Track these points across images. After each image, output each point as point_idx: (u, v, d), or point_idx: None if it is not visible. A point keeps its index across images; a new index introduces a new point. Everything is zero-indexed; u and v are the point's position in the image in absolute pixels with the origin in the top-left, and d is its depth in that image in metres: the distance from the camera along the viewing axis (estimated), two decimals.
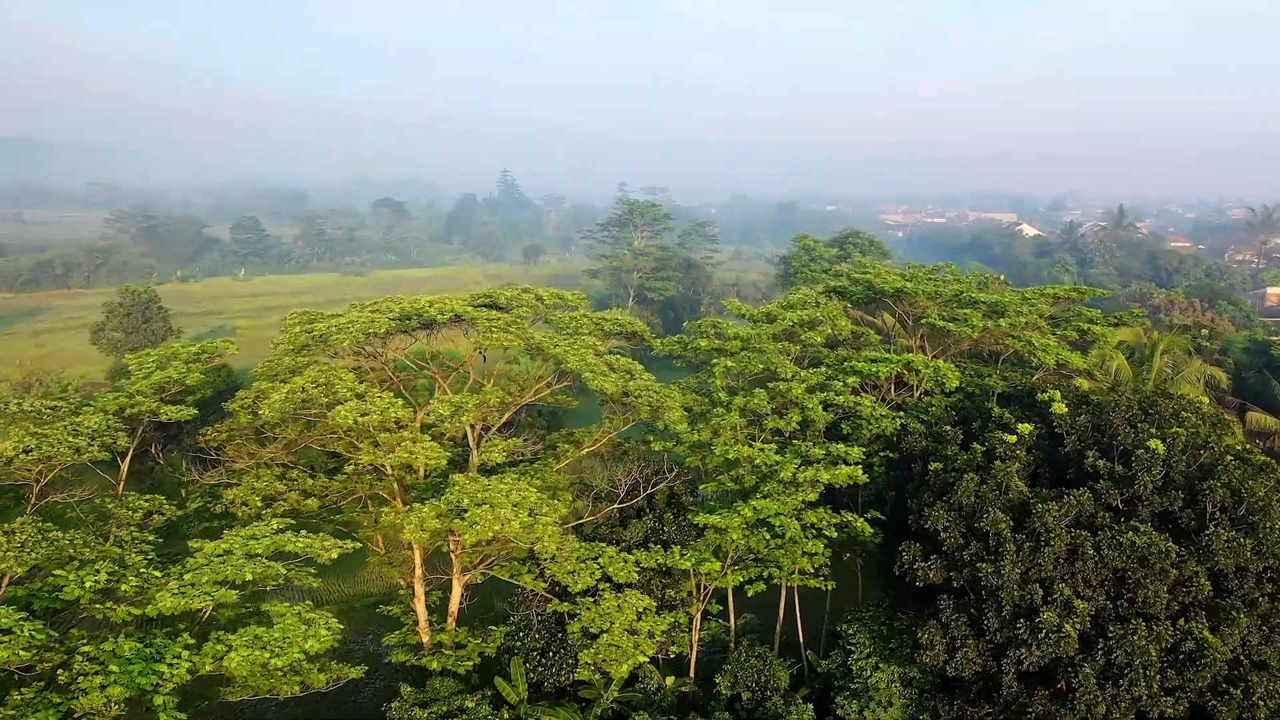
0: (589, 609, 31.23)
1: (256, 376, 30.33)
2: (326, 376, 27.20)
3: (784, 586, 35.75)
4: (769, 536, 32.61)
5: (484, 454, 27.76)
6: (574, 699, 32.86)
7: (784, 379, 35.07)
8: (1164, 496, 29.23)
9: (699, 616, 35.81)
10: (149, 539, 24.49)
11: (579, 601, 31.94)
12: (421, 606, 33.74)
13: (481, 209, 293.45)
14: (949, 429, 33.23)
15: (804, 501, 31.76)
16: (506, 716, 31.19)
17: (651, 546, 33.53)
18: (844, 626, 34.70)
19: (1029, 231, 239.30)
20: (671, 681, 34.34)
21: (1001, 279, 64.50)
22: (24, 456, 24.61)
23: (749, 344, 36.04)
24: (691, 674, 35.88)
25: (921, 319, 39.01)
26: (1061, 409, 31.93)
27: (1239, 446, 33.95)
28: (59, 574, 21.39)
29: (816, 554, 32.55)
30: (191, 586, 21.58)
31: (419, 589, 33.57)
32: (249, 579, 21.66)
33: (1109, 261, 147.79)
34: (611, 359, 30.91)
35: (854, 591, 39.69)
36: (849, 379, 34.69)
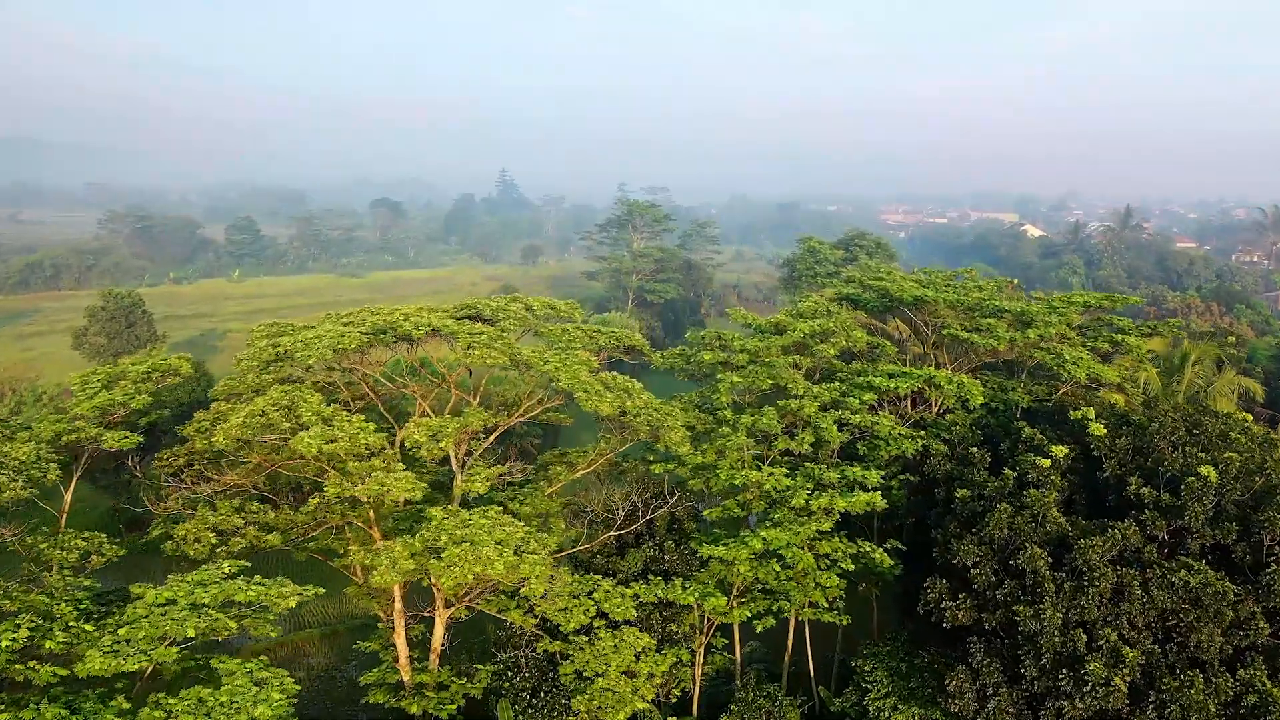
0: (583, 650, 28.52)
1: (217, 395, 27.62)
2: (290, 398, 24.48)
3: (795, 623, 33.10)
4: (779, 568, 29.92)
5: (466, 483, 25.08)
6: None
7: (795, 396, 32.35)
8: (1216, 529, 26.53)
9: (702, 650, 33.11)
10: (85, 584, 21.80)
11: (572, 640, 29.22)
12: (402, 642, 31.00)
13: (480, 209, 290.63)
14: (975, 451, 30.48)
15: (817, 531, 29.05)
16: None
17: (651, 578, 30.81)
18: (859, 662, 31.97)
19: (1033, 232, 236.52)
20: None
21: (1015, 283, 61.54)
22: None
23: (757, 358, 33.33)
24: (694, 711, 33.20)
25: (942, 330, 36.30)
26: (1099, 430, 29.18)
27: None
28: None
29: (831, 587, 29.85)
30: (126, 644, 18.88)
31: (399, 624, 30.84)
32: (191, 635, 18.93)
33: (1117, 263, 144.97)
34: (607, 376, 28.17)
35: (868, 621, 37.00)
36: (865, 395, 31.97)
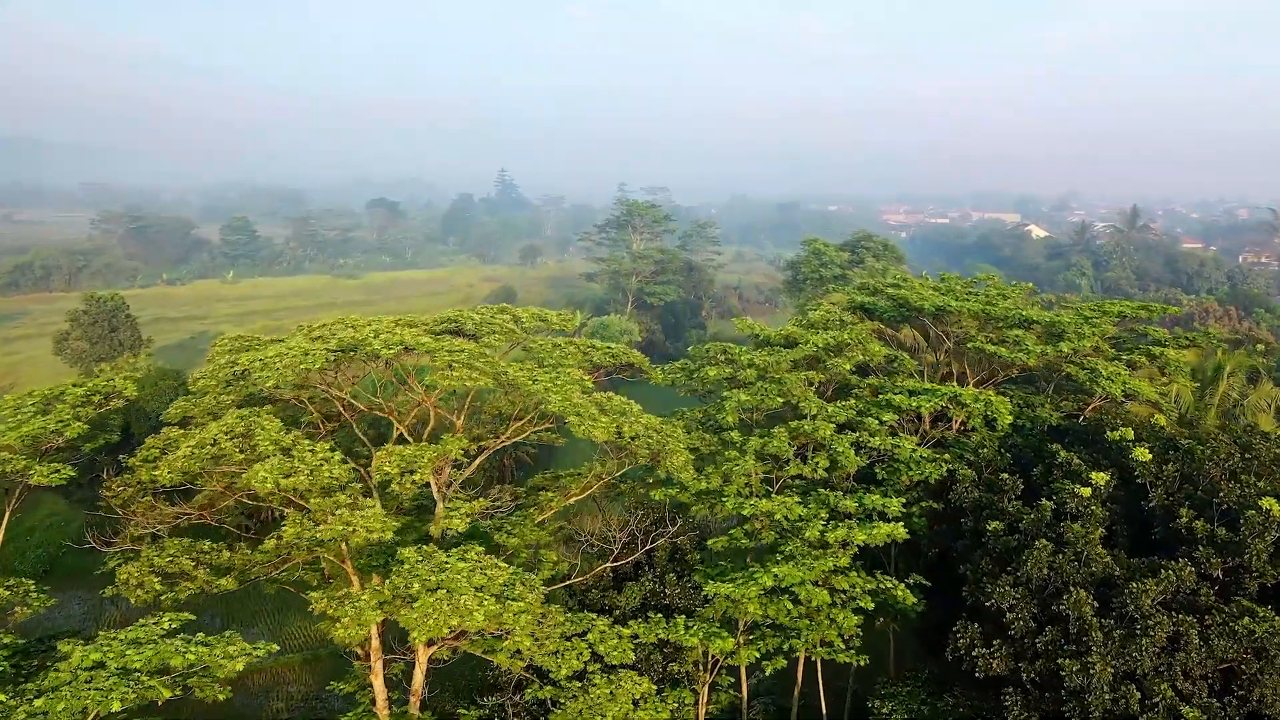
0: (576, 698, 25.84)
1: (170, 418, 24.96)
2: (246, 424, 21.85)
3: (805, 657, 30.46)
4: (791, 605, 27.28)
5: (445, 520, 22.48)
6: None
7: (808, 416, 29.71)
8: (1278, 567, 23.89)
9: (706, 690, 30.46)
10: (5, 640, 19.18)
11: (564, 686, 26.54)
12: (379, 684, 28.32)
13: (479, 209, 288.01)
14: (1006, 477, 27.82)
15: (834, 566, 26.40)
16: None
17: (651, 616, 28.15)
18: (876, 702, 29.36)
19: (1037, 233, 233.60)
20: None
21: (1030, 287, 58.35)
22: None
23: (766, 373, 30.68)
24: None
25: (967, 342, 33.65)
26: (1144, 455, 26.52)
27: None
28: None
29: (847, 626, 27.20)
30: (44, 716, 16.24)
31: (376, 664, 28.19)
32: (116, 709, 16.28)
33: (1126, 265, 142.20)
34: (602, 397, 25.50)
35: (884, 656, 34.39)
36: (885, 415, 29.31)
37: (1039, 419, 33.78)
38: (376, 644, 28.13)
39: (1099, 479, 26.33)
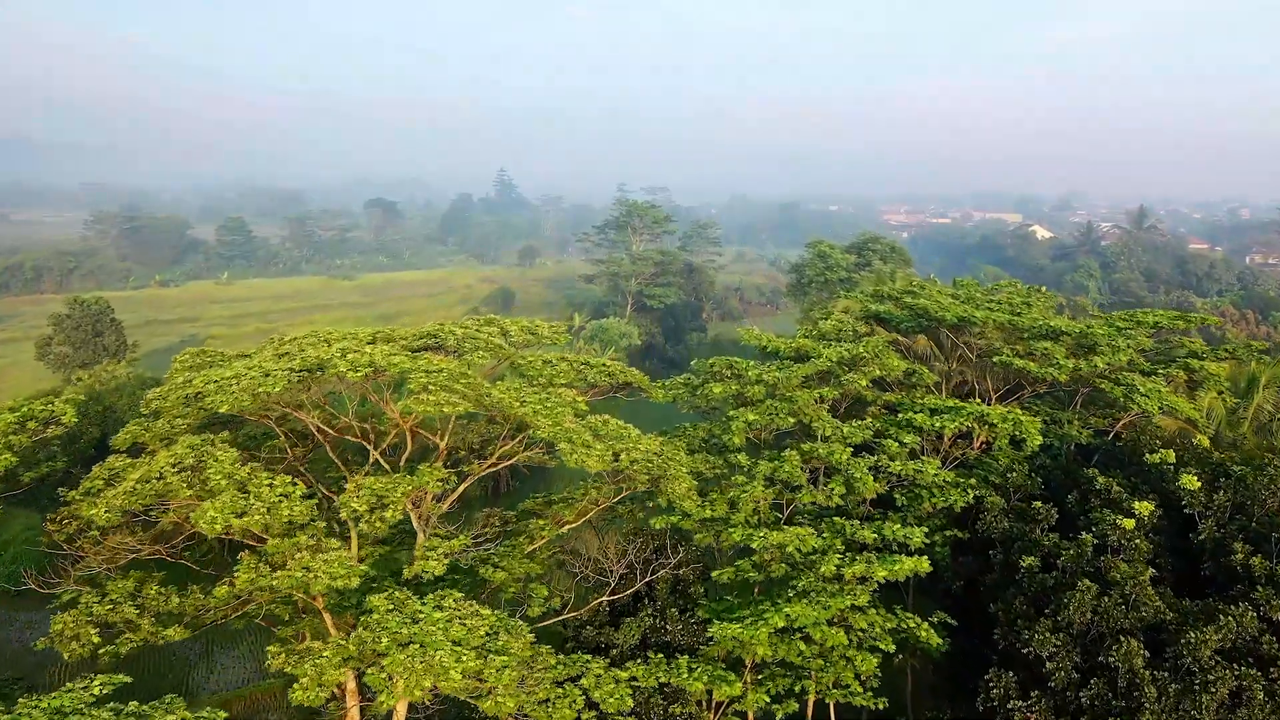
0: None
1: (120, 445, 22.59)
2: (197, 455, 19.50)
3: (816, 699, 28.09)
4: (803, 645, 24.94)
5: (419, 563, 20.12)
6: None
7: (820, 435, 27.37)
8: None
9: None
10: None
11: None
12: None
13: (478, 209, 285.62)
14: (1039, 506, 25.45)
15: (851, 605, 24.05)
16: None
17: (651, 656, 25.77)
18: None
19: (1041, 233, 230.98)
20: None
21: (1043, 290, 56.03)
22: None
23: (775, 390, 28.30)
24: None
25: (991, 355, 31.28)
26: (1193, 483, 24.16)
27: None
28: None
29: (866, 669, 24.85)
30: None
31: (352, 709, 25.86)
32: None
33: (1134, 266, 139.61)
34: (597, 421, 23.13)
35: (901, 692, 32.03)
36: (906, 437, 26.94)
37: (1066, 436, 31.43)
38: (353, 686, 25.82)
39: (1143, 509, 23.98)
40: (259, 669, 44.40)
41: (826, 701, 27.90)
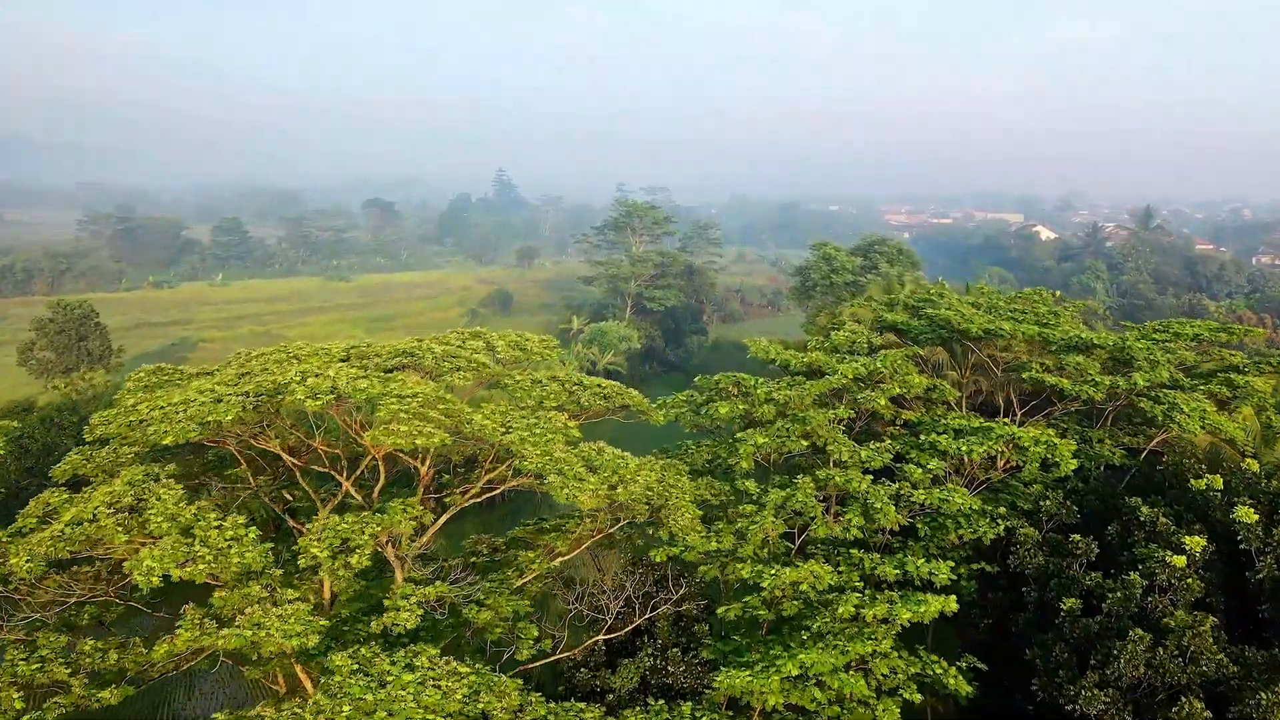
0: None
1: (58, 477, 20.32)
2: (137, 493, 17.25)
3: None
4: (818, 692, 22.68)
5: (389, 615, 17.85)
6: None
7: (835, 458, 25.10)
8: None
9: None
10: None
11: None
12: None
13: (476, 209, 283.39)
14: (1078, 539, 23.18)
15: (872, 651, 21.78)
16: None
17: (651, 703, 23.50)
18: None
19: (1045, 234, 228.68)
20: None
21: (1057, 295, 53.72)
22: None
23: (786, 409, 26.04)
24: None
25: (1020, 370, 29.05)
26: (1249, 516, 21.90)
27: None
28: None
29: (888, 717, 22.58)
30: None
31: None
32: None
33: (1142, 268, 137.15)
34: (590, 449, 20.88)
35: None
36: (931, 463, 24.67)
37: (1098, 456, 29.15)
38: None
39: (1194, 545, 21.71)
40: (246, 689, 41.91)
41: None
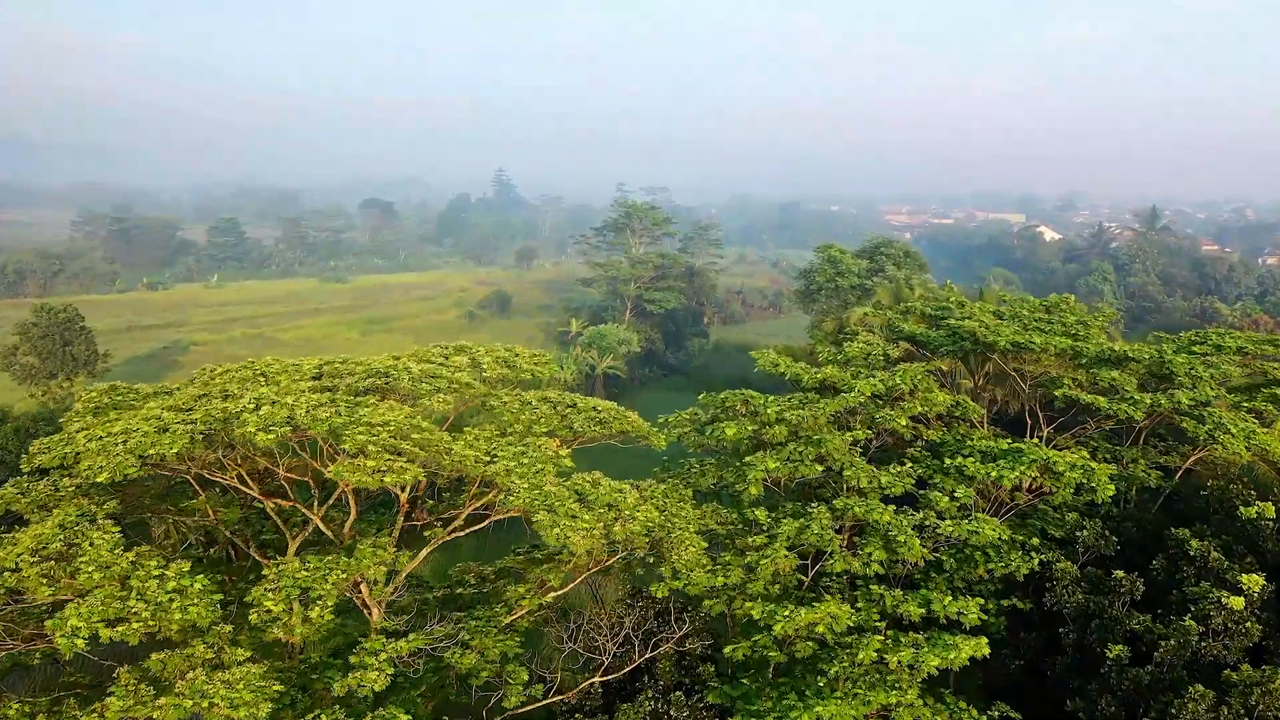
0: None
1: None
2: (68, 535, 15.19)
3: None
4: None
5: (354, 676, 15.78)
6: None
7: (852, 484, 23.05)
8: None
9: None
10: None
11: None
12: None
13: (475, 210, 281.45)
14: (1122, 576, 21.12)
15: (897, 701, 19.73)
16: None
17: None
18: None
19: (1048, 234, 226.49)
20: None
21: (1072, 301, 51.61)
22: None
23: (799, 430, 23.97)
24: None
25: (1053, 388, 26.96)
26: None
27: None
28: None
29: None
30: None
31: None
32: None
33: (1150, 269, 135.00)
34: (585, 482, 18.80)
35: None
36: (959, 490, 22.60)
37: (1132, 477, 27.08)
38: None
39: (1252, 584, 19.64)
40: None
41: None
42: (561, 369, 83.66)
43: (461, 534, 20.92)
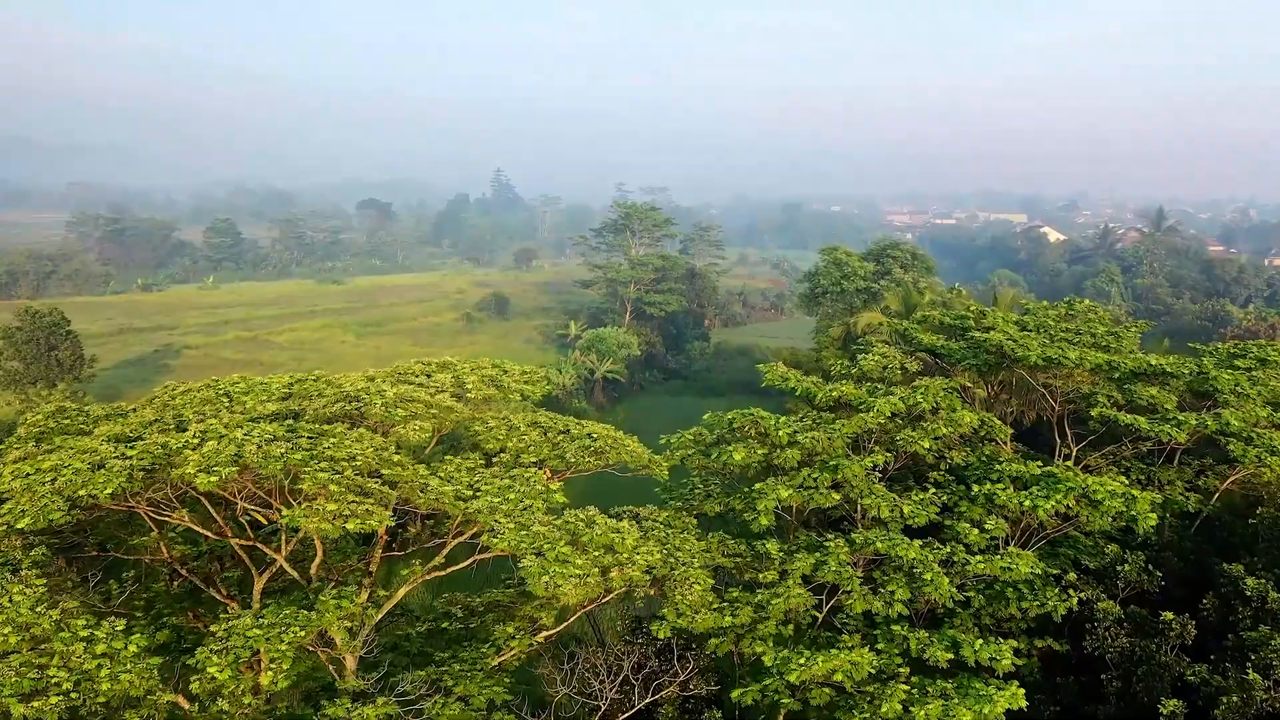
0: None
1: None
2: None
3: None
4: None
5: None
6: None
7: (871, 511, 21.13)
8: None
9: None
10: None
11: None
12: None
13: (474, 210, 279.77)
14: (1171, 618, 19.20)
15: None
16: None
17: None
18: None
19: (1053, 235, 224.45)
20: None
21: (1100, 310, 49.21)
22: None
23: (813, 456, 22.04)
24: None
25: (1089, 407, 25.02)
26: None
27: None
28: None
29: None
30: None
31: None
32: None
33: (1158, 271, 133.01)
34: (578, 520, 16.87)
35: None
36: (989, 523, 20.67)
37: (1171, 502, 25.16)
38: None
39: None
40: None
41: None
42: (560, 373, 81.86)
43: (443, 573, 18.98)
